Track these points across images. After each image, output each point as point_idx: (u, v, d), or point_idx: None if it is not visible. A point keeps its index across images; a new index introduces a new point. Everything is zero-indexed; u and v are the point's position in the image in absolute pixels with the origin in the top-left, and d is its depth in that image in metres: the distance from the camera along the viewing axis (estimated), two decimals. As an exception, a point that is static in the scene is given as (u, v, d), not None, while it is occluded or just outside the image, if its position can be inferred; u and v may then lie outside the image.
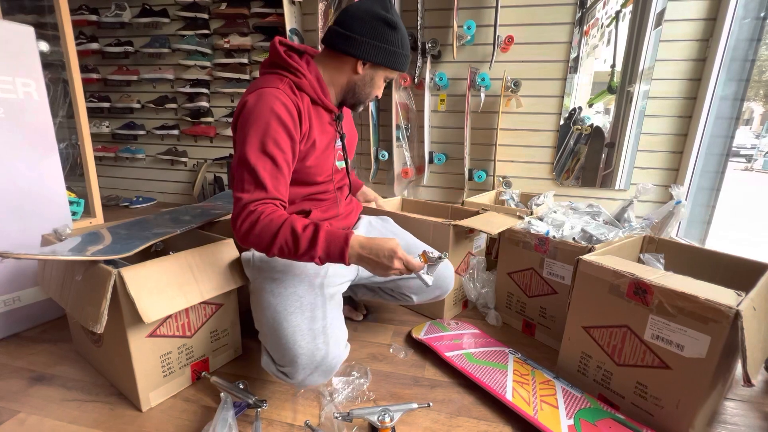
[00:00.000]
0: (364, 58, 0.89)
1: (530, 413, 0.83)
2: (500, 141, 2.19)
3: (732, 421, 0.90)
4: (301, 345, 0.80)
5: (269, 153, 0.82)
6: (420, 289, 1.12)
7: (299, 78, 0.89)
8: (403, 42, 0.92)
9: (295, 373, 0.81)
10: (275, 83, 0.86)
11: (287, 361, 0.81)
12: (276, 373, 0.85)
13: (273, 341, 0.84)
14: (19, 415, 0.87)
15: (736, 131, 1.88)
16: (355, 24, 0.87)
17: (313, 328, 0.82)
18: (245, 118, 0.84)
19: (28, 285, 1.20)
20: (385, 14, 0.88)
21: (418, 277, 0.83)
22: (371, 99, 0.99)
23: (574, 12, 2.00)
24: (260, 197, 0.80)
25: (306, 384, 0.83)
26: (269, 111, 0.82)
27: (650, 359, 0.81)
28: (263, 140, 0.81)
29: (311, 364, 0.80)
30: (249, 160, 0.81)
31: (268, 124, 0.82)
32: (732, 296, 0.73)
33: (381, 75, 0.95)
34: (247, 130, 0.83)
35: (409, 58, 0.97)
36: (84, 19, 2.63)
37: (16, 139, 1.17)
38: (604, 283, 0.87)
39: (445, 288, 1.13)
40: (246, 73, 2.56)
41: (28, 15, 1.70)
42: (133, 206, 2.84)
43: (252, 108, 0.83)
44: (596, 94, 2.07)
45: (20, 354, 1.09)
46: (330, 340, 0.83)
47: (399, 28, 0.90)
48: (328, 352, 0.81)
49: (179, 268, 0.88)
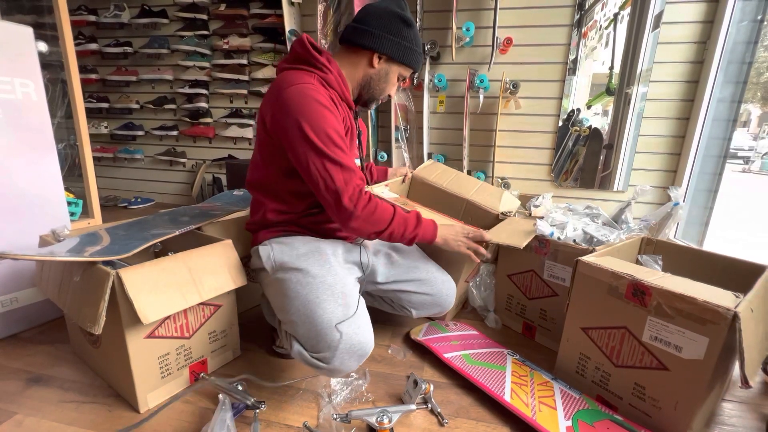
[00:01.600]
0: (380, 50, 0.93)
1: (529, 415, 0.83)
2: (499, 142, 2.19)
3: (730, 423, 0.90)
4: (343, 327, 0.81)
5: (336, 142, 0.85)
6: (421, 304, 1.10)
7: (325, 73, 0.91)
8: (418, 40, 0.97)
9: (332, 359, 0.80)
10: (305, 79, 0.86)
11: (324, 347, 0.81)
12: (310, 361, 0.83)
13: (307, 329, 0.83)
14: (16, 416, 0.86)
15: (734, 133, 1.89)
16: (372, 20, 0.93)
17: (347, 314, 0.84)
18: (293, 117, 0.83)
19: (26, 286, 1.20)
20: (401, 12, 0.93)
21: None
22: (385, 96, 1.02)
23: (573, 14, 2.01)
24: (356, 181, 0.87)
25: (340, 369, 0.82)
26: (316, 104, 0.84)
27: (648, 360, 0.82)
28: (326, 132, 0.84)
29: (350, 349, 0.81)
30: (326, 153, 0.84)
31: (322, 115, 0.84)
32: (730, 298, 0.73)
33: (395, 71, 0.98)
34: (301, 127, 0.83)
35: (422, 58, 1.01)
36: (83, 20, 2.63)
37: (14, 139, 1.17)
38: (602, 285, 0.88)
39: (445, 306, 1.12)
40: (245, 74, 2.56)
41: (27, 15, 1.69)
42: (132, 207, 2.83)
43: (298, 103, 0.83)
44: (595, 96, 2.07)
45: (17, 355, 1.09)
46: (363, 325, 0.85)
47: (414, 26, 0.95)
48: (363, 336, 0.83)
49: (178, 269, 0.88)
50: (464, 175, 1.47)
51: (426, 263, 1.12)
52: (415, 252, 1.16)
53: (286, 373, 1.03)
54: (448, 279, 1.13)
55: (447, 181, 1.41)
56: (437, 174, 1.45)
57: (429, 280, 1.09)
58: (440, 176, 1.44)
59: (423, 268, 1.10)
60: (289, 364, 1.07)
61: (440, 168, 1.50)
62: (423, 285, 1.09)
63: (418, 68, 1.01)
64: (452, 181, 1.41)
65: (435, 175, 1.44)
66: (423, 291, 1.09)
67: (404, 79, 1.03)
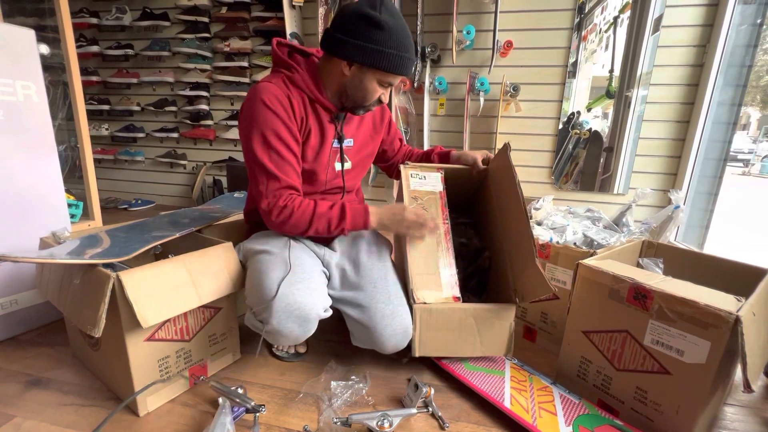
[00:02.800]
0: (347, 57, 0.88)
1: (529, 421, 0.82)
2: (499, 145, 2.19)
3: (732, 427, 0.90)
4: (282, 289, 0.86)
5: (271, 144, 0.89)
6: (357, 331, 0.98)
7: (292, 73, 0.93)
8: (394, 41, 0.85)
9: (270, 317, 0.85)
10: (268, 78, 0.93)
11: (264, 307, 0.86)
12: (253, 323, 0.92)
13: (254, 293, 0.90)
14: (15, 419, 0.86)
15: (734, 136, 1.89)
16: (340, 24, 0.88)
17: (290, 280, 0.88)
18: (242, 117, 0.92)
19: (26, 288, 1.19)
20: (370, 12, 0.83)
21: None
22: (369, 102, 0.95)
23: (573, 17, 2.01)
24: (276, 188, 0.90)
25: (279, 330, 0.86)
26: (260, 104, 0.88)
27: (650, 364, 0.81)
28: (262, 133, 0.89)
29: (286, 308, 0.85)
30: (256, 155, 0.89)
31: (263, 116, 0.89)
32: (732, 302, 0.73)
33: (371, 77, 0.90)
34: (246, 127, 0.91)
35: (406, 59, 0.88)
36: (85, 22, 2.64)
37: (15, 141, 1.17)
38: (603, 288, 0.87)
39: (381, 346, 0.94)
40: (246, 76, 2.57)
41: (29, 18, 1.70)
42: (132, 209, 2.83)
43: (246, 106, 0.91)
44: (595, 99, 2.08)
45: (17, 357, 1.08)
46: (303, 289, 0.88)
47: (386, 27, 0.84)
48: (301, 297, 0.86)
49: (178, 272, 0.87)
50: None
51: (376, 288, 0.97)
52: (374, 269, 1.01)
53: (286, 376, 1.03)
54: (397, 314, 0.93)
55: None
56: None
57: (368, 308, 0.94)
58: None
59: (369, 292, 0.96)
60: (289, 367, 1.07)
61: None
62: (361, 312, 0.95)
63: (399, 71, 0.88)
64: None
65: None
66: (359, 319, 0.95)
67: (390, 85, 0.93)
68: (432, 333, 0.97)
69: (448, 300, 0.97)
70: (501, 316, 0.98)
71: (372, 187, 2.51)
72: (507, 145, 1.03)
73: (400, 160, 1.20)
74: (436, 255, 1.01)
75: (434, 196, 1.08)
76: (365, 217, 0.95)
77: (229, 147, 2.79)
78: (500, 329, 0.99)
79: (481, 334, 0.98)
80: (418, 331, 0.96)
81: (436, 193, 1.09)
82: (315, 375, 1.01)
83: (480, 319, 0.97)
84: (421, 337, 0.97)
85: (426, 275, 0.99)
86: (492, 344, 1.00)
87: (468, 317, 0.97)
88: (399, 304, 0.95)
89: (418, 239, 1.01)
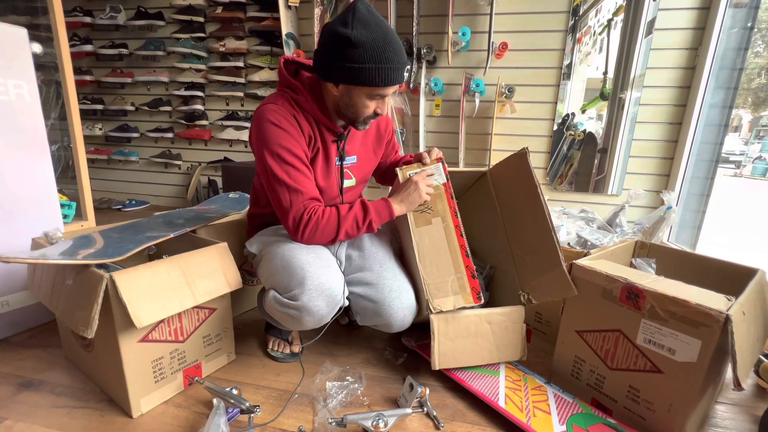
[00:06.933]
0: (331, 80, 0.88)
1: (523, 420, 0.83)
2: (494, 146, 2.21)
3: (723, 425, 0.91)
4: (312, 269, 0.89)
5: (286, 160, 0.90)
6: (364, 310, 1.00)
7: (296, 94, 0.94)
8: (372, 55, 0.82)
9: (302, 294, 0.87)
10: (274, 99, 0.94)
11: (296, 284, 0.88)
12: (282, 301, 0.91)
13: (281, 274, 0.91)
14: (6, 422, 0.85)
15: (725, 138, 1.92)
16: (321, 46, 0.88)
17: (319, 263, 0.91)
18: (253, 141, 0.94)
19: (18, 289, 1.18)
20: (342, 31, 0.81)
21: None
22: (365, 116, 0.93)
23: (567, 20, 2.03)
24: (300, 201, 0.91)
25: (309, 308, 0.87)
26: (268, 123, 0.90)
27: (642, 363, 0.82)
28: (276, 151, 0.90)
29: (318, 287, 0.88)
30: (275, 173, 0.90)
31: (274, 135, 0.90)
32: (722, 301, 0.74)
33: (359, 94, 0.88)
34: (259, 149, 0.92)
35: (389, 69, 0.84)
36: (78, 21, 2.62)
37: (7, 141, 1.16)
38: (597, 288, 0.88)
39: (388, 319, 0.96)
40: (241, 76, 2.56)
41: (22, 16, 1.68)
42: (126, 209, 2.81)
43: (255, 129, 0.93)
44: (589, 101, 2.10)
45: (8, 359, 1.07)
46: (331, 274, 0.91)
47: (360, 43, 0.80)
48: (331, 280, 0.90)
49: (172, 272, 0.87)
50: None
51: (383, 267, 1.01)
52: (378, 252, 1.05)
53: (281, 377, 1.03)
54: (404, 290, 0.98)
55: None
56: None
57: (377, 284, 0.98)
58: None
59: (376, 270, 1.00)
60: (284, 368, 1.07)
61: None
62: (369, 289, 0.98)
63: (384, 83, 0.85)
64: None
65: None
66: (367, 295, 0.98)
67: (381, 97, 0.91)
68: (450, 343, 0.97)
69: (468, 301, 0.94)
70: (513, 318, 1.00)
71: (368, 188, 2.51)
72: (525, 151, 1.03)
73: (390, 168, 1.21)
74: (447, 254, 0.99)
75: (439, 191, 1.03)
76: (387, 205, 0.96)
77: (224, 147, 2.78)
78: (514, 332, 1.00)
79: (497, 338, 0.99)
80: (437, 342, 0.95)
81: (440, 186, 1.03)
82: (310, 375, 1.01)
83: (494, 323, 0.99)
84: (440, 349, 0.96)
85: (440, 281, 0.96)
86: (507, 348, 1.01)
87: (483, 322, 0.98)
88: (404, 281, 1.00)
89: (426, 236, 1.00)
